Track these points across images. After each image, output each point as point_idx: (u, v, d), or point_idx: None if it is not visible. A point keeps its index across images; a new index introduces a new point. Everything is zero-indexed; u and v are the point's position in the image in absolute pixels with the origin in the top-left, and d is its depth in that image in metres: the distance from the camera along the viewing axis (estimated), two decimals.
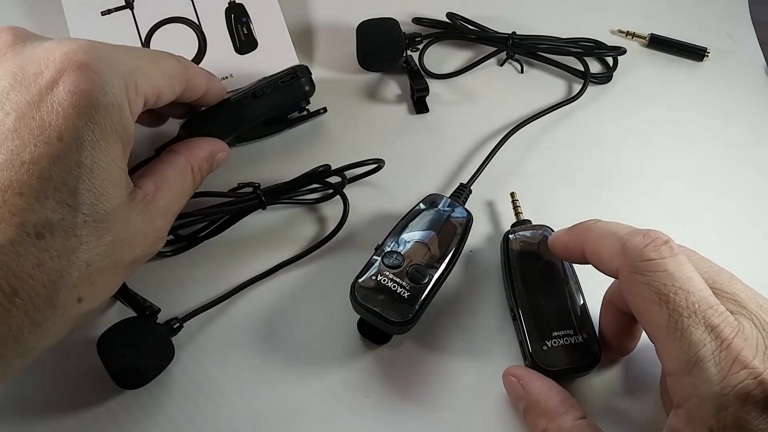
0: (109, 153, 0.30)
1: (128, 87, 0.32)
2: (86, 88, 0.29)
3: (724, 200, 0.47)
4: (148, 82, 0.33)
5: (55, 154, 0.28)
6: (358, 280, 0.37)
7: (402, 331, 0.37)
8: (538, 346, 0.37)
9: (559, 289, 0.39)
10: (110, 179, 0.30)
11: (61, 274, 0.28)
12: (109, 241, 0.30)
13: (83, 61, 0.30)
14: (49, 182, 0.28)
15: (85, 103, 0.29)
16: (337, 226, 0.43)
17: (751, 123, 0.50)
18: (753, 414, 0.27)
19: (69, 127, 0.29)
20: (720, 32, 0.55)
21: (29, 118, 0.29)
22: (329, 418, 0.37)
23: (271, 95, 0.43)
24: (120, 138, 0.31)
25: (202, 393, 0.38)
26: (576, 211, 0.43)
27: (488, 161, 0.45)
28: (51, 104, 0.29)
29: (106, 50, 0.32)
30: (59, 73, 0.29)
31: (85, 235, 0.29)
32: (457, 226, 0.40)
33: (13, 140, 0.28)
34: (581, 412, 0.35)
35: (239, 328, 0.40)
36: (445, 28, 0.53)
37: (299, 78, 0.43)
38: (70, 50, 0.30)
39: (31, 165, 0.28)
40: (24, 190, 0.28)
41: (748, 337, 0.29)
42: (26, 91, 0.29)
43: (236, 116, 0.42)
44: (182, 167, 0.37)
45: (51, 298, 0.28)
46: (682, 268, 0.30)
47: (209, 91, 0.40)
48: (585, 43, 0.52)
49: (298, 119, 0.46)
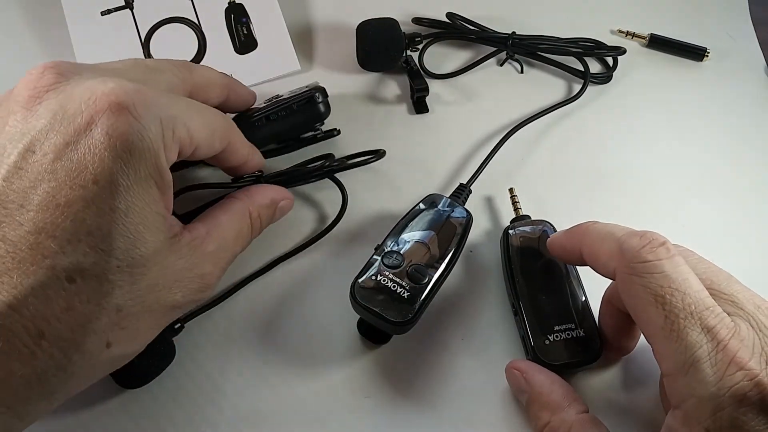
0: (144, 197, 0.30)
1: (165, 133, 0.31)
2: (123, 131, 0.29)
3: (724, 200, 0.47)
4: (187, 131, 0.32)
5: (90, 197, 0.28)
6: (358, 280, 0.37)
7: (402, 331, 0.37)
8: (540, 340, 0.37)
9: (560, 284, 0.39)
10: (146, 223, 0.30)
11: (89, 318, 0.28)
12: (144, 286, 0.30)
13: (123, 102, 0.29)
14: (83, 226, 0.28)
15: (121, 146, 0.29)
16: (337, 217, 0.43)
17: (751, 123, 0.50)
18: (749, 415, 0.27)
19: (104, 171, 0.29)
20: (720, 32, 0.55)
21: (67, 159, 0.28)
22: (329, 418, 0.37)
23: (286, 119, 0.43)
24: (156, 182, 0.31)
25: (202, 393, 0.38)
26: (576, 210, 0.43)
27: (488, 161, 0.45)
28: (87, 146, 0.29)
29: (149, 94, 0.31)
30: (98, 114, 0.29)
31: (118, 280, 0.29)
32: (456, 226, 0.40)
33: (50, 182, 0.28)
34: (584, 405, 0.35)
35: (239, 328, 0.40)
36: (445, 28, 0.53)
37: (316, 102, 0.43)
38: (112, 91, 0.30)
39: (65, 208, 0.28)
40: (57, 233, 0.28)
41: (745, 339, 0.29)
42: (65, 130, 0.29)
43: (248, 137, 0.42)
44: (239, 213, 0.36)
45: (78, 343, 0.28)
46: (679, 270, 0.30)
47: (248, 162, 0.39)
48: (585, 43, 0.52)
49: (310, 139, 0.46)
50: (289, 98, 0.44)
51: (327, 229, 0.43)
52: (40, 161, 0.28)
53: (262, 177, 0.42)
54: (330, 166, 0.43)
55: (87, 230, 0.28)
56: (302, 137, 0.46)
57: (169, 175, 0.32)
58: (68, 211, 0.28)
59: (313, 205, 0.45)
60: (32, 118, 0.29)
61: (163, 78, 0.36)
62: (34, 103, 0.30)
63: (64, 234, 0.28)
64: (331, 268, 0.42)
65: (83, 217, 0.28)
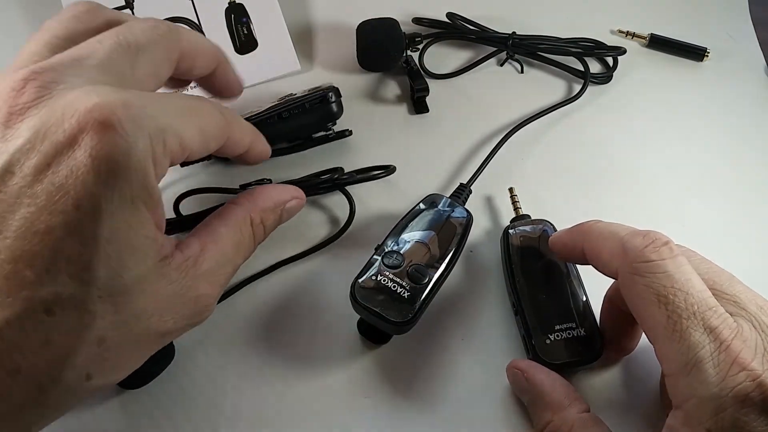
0: (130, 221, 0.28)
1: (155, 148, 0.28)
2: (108, 152, 0.27)
3: (724, 200, 0.47)
4: (180, 142, 0.30)
5: (71, 223, 0.26)
6: (358, 280, 0.37)
7: (402, 331, 0.37)
8: (540, 339, 0.37)
9: (561, 283, 0.39)
10: (131, 249, 0.28)
11: (68, 352, 0.27)
12: (130, 315, 0.28)
13: (108, 120, 0.27)
14: (62, 254, 0.26)
15: (105, 168, 0.27)
16: (345, 225, 0.43)
17: (751, 123, 0.51)
18: (751, 416, 0.27)
19: (87, 195, 0.26)
20: (720, 32, 0.55)
21: (47, 182, 0.26)
22: (329, 418, 0.37)
23: (298, 117, 0.43)
24: (144, 203, 0.28)
25: (202, 393, 0.38)
26: (576, 210, 0.43)
27: (488, 161, 0.45)
28: (70, 168, 0.26)
29: (137, 104, 0.28)
30: (82, 133, 0.27)
31: (100, 310, 0.27)
32: (457, 226, 0.40)
33: (29, 206, 0.26)
34: (585, 405, 0.35)
35: (240, 328, 0.40)
36: (445, 28, 0.53)
37: (329, 102, 0.43)
38: (96, 107, 0.27)
39: (45, 235, 0.26)
40: (35, 261, 0.26)
41: (747, 339, 0.29)
42: (46, 150, 0.27)
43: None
44: (239, 222, 0.34)
45: (55, 378, 0.27)
46: (682, 270, 0.30)
47: (251, 151, 0.37)
48: (585, 43, 0.52)
49: (322, 139, 0.46)
50: (302, 97, 0.44)
51: (333, 238, 0.43)
52: (19, 183, 0.26)
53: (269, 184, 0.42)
54: (339, 179, 0.43)
55: (67, 259, 0.26)
56: (314, 137, 0.46)
57: (159, 192, 0.30)
58: (47, 239, 0.26)
59: (318, 209, 0.45)
60: (12, 137, 0.27)
61: (149, 59, 0.32)
62: (15, 121, 0.28)
63: (43, 263, 0.26)
64: (330, 268, 0.42)
65: (62, 246, 0.26)
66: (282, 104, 0.44)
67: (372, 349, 0.40)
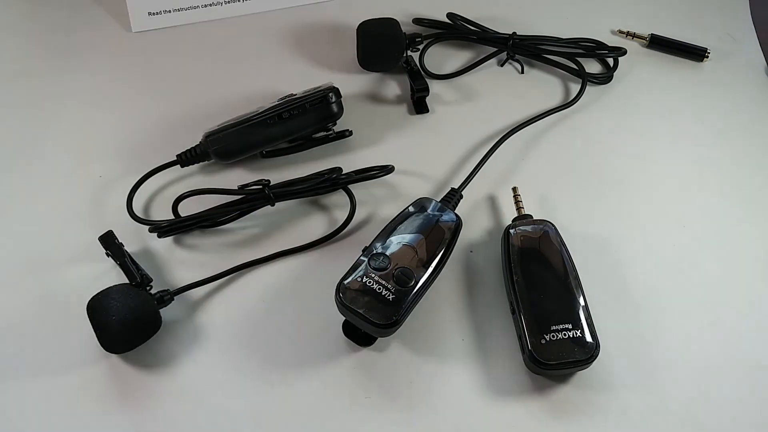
0: None
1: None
2: None
3: (724, 200, 0.47)
4: None
5: None
6: (344, 281, 0.37)
7: (386, 334, 0.37)
8: (536, 339, 0.37)
9: (559, 284, 0.39)
10: None
11: None
12: None
13: None
14: None
15: None
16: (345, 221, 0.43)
17: (751, 123, 0.50)
18: None
19: None
20: (720, 32, 0.55)
21: None
22: (329, 417, 0.37)
23: (298, 117, 0.43)
24: None
25: (202, 393, 0.38)
26: (576, 210, 0.43)
27: (480, 166, 0.45)
28: None
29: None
30: None
31: None
32: (445, 230, 0.40)
33: None
34: None
35: (240, 328, 0.40)
36: (446, 29, 0.53)
37: (329, 102, 0.44)
38: None
39: None
40: None
41: None
42: None
43: (260, 135, 0.42)
44: None
45: None
46: None
47: None
48: (585, 43, 0.52)
49: (322, 139, 0.46)
50: (302, 97, 0.44)
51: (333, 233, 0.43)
52: None
53: (268, 186, 0.42)
54: (338, 178, 0.43)
55: None
56: (314, 137, 0.46)
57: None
58: None
59: (318, 209, 0.45)
60: None
61: None
62: None
63: None
64: (326, 266, 0.42)
65: None
66: (282, 104, 0.44)
67: (372, 349, 0.39)
